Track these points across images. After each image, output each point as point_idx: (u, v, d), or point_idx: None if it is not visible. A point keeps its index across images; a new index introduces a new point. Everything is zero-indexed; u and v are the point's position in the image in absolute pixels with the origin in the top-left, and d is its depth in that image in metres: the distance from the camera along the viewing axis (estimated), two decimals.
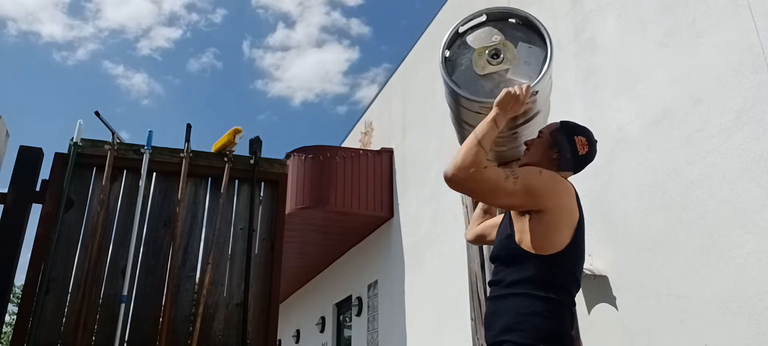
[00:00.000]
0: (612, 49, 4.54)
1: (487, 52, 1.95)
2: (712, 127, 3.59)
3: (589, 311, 4.25)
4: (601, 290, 4.17)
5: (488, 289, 1.81)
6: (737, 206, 3.36)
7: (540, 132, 1.91)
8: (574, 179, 1.88)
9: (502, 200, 1.69)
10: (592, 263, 4.28)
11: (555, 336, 1.56)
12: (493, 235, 2.03)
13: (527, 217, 1.69)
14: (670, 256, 3.74)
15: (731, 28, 3.56)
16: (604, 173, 4.37)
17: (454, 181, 1.63)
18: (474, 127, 1.74)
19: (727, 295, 3.34)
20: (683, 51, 3.88)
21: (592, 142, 1.86)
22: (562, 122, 1.90)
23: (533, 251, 1.64)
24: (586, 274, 4.20)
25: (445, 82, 1.97)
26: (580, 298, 4.26)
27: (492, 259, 1.81)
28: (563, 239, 1.65)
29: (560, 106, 4.91)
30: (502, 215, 1.90)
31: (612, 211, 4.26)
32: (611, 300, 4.11)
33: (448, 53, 2.04)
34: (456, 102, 1.98)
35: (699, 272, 3.52)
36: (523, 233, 1.68)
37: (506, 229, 1.76)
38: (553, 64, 1.91)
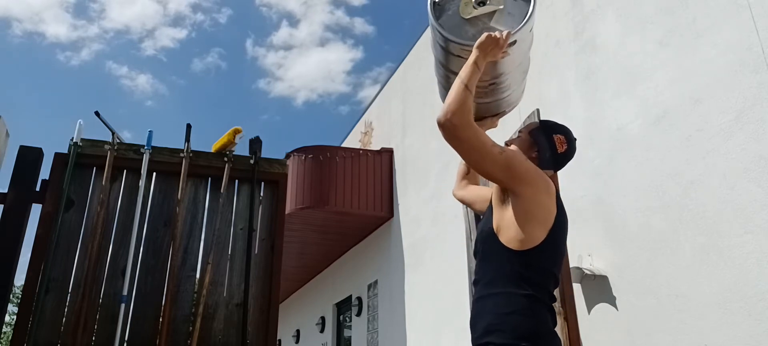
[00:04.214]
0: (612, 49, 4.54)
1: None
2: (712, 127, 3.59)
3: (589, 311, 4.25)
4: (601, 290, 4.17)
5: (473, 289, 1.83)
6: (737, 206, 3.36)
7: (519, 132, 1.95)
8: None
9: (485, 165, 1.71)
10: (592, 263, 4.28)
11: (536, 334, 1.58)
12: (477, 206, 2.08)
13: (506, 206, 1.71)
14: (670, 256, 3.74)
15: (731, 28, 3.56)
16: (604, 172, 4.37)
17: (446, 126, 1.65)
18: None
19: (727, 295, 3.34)
20: (683, 51, 3.88)
21: (570, 140, 1.89)
22: (541, 121, 1.94)
23: (510, 246, 1.67)
24: (586, 274, 4.20)
25: (432, 25, 2.03)
26: (579, 298, 4.26)
27: (474, 253, 1.85)
28: (537, 235, 1.67)
29: (560, 106, 4.92)
30: (489, 188, 1.92)
31: (612, 211, 4.26)
32: (611, 300, 4.11)
33: None
34: (442, 48, 2.04)
35: (699, 272, 3.52)
36: (501, 222, 1.71)
37: (488, 220, 1.79)
38: (534, 18, 1.97)
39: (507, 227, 1.69)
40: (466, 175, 2.25)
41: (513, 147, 1.87)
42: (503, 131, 2.49)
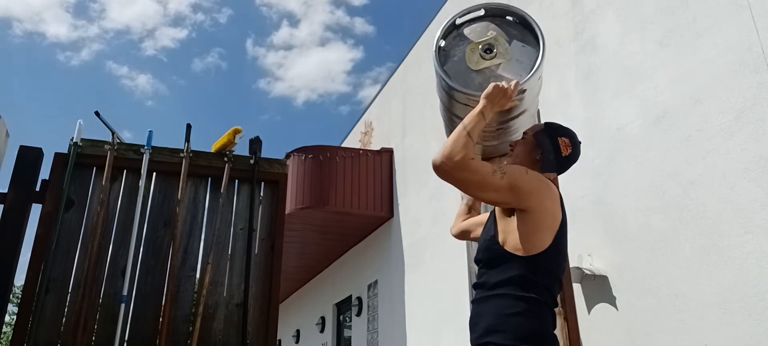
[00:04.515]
0: (612, 49, 4.54)
1: (480, 46, 1.99)
2: (712, 127, 3.59)
3: (589, 311, 4.25)
4: (601, 290, 4.17)
5: (473, 292, 1.82)
6: (737, 206, 3.36)
7: (524, 133, 1.93)
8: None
9: (488, 194, 1.69)
10: (592, 263, 4.28)
11: (537, 336, 1.58)
12: (477, 232, 2.05)
13: (511, 218, 1.70)
14: (670, 256, 3.74)
15: (731, 28, 3.56)
16: (604, 172, 4.37)
17: (443, 169, 1.64)
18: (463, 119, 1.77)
19: (727, 295, 3.34)
20: (683, 51, 3.88)
21: (575, 143, 1.88)
22: (545, 124, 1.92)
23: (515, 252, 1.66)
24: (586, 274, 4.20)
25: (437, 72, 2.00)
26: (579, 298, 4.26)
27: (476, 261, 1.82)
28: (545, 241, 1.66)
29: (560, 106, 4.92)
30: (488, 213, 1.91)
31: (612, 211, 4.26)
32: (611, 300, 4.11)
33: (443, 43, 2.06)
34: (446, 93, 2.01)
35: (699, 272, 3.52)
36: (506, 234, 1.70)
37: (490, 230, 1.78)
38: (543, 65, 1.93)
39: (514, 237, 1.67)
40: (465, 214, 2.24)
41: (512, 163, 1.85)
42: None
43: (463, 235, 2.24)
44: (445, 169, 1.63)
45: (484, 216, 2.00)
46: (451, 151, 1.63)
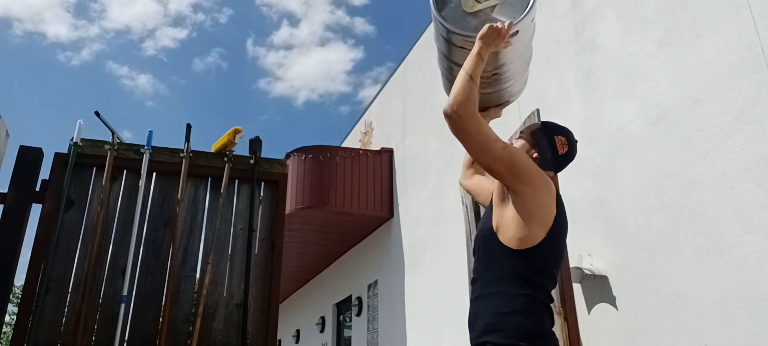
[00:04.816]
0: (612, 49, 4.54)
1: None
2: (712, 127, 3.59)
3: (589, 311, 4.25)
4: (601, 290, 4.17)
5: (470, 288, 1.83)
6: (737, 206, 3.36)
7: (521, 132, 1.95)
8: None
9: (488, 159, 1.71)
10: (592, 263, 4.28)
11: (535, 334, 1.58)
12: (481, 198, 2.10)
13: (506, 205, 1.72)
14: (670, 256, 3.74)
15: (731, 28, 3.56)
16: (604, 172, 4.37)
17: (452, 118, 1.66)
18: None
19: (727, 295, 3.34)
20: (683, 51, 3.88)
21: (572, 142, 1.89)
22: (542, 123, 1.94)
23: (509, 245, 1.67)
24: (586, 274, 4.20)
25: (434, 18, 2.04)
26: (579, 298, 4.26)
27: (473, 251, 1.85)
28: (536, 235, 1.67)
29: (560, 106, 4.92)
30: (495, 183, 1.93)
31: (612, 211, 4.26)
32: (611, 300, 4.11)
33: None
34: (445, 40, 2.06)
35: (699, 272, 3.52)
36: (500, 220, 1.72)
37: (488, 219, 1.79)
38: (535, 8, 1.98)
39: (506, 226, 1.69)
40: (472, 163, 2.25)
41: (517, 144, 1.88)
42: (504, 132, 2.49)
43: (469, 190, 2.26)
44: (454, 118, 1.66)
45: (490, 182, 2.01)
46: (460, 96, 1.66)
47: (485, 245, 1.76)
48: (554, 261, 1.73)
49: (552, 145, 1.85)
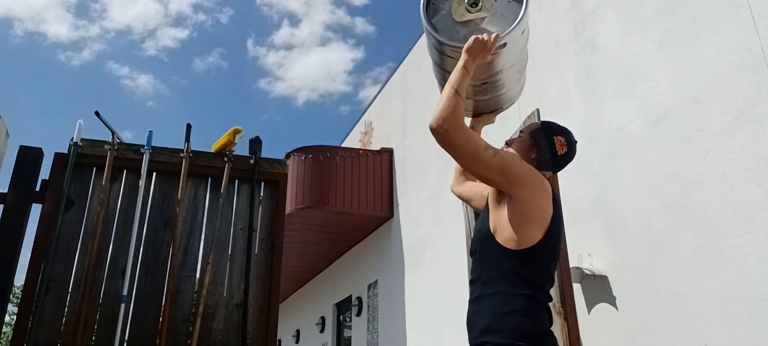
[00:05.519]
0: (612, 49, 4.54)
1: (466, 0, 2.00)
2: (712, 127, 3.59)
3: (589, 311, 4.25)
4: (601, 290, 4.17)
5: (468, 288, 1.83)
6: (737, 206, 3.36)
7: (520, 132, 1.95)
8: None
9: (478, 168, 1.70)
10: (592, 263, 4.28)
11: (534, 334, 1.58)
12: (475, 203, 2.08)
13: (502, 207, 1.71)
14: (670, 256, 3.74)
15: (731, 28, 3.56)
16: (604, 172, 4.37)
17: (438, 132, 1.66)
18: None
19: (727, 295, 3.34)
20: (683, 51, 3.88)
21: (571, 143, 1.88)
22: (542, 123, 1.93)
23: (507, 246, 1.67)
24: (586, 274, 4.20)
25: (424, 26, 2.02)
26: (579, 298, 4.26)
27: (470, 252, 1.84)
28: (534, 235, 1.67)
29: (560, 106, 4.92)
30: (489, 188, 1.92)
31: (612, 211, 4.26)
32: (611, 300, 4.11)
33: None
34: (436, 50, 2.04)
35: (699, 272, 3.53)
36: (497, 222, 1.71)
37: (485, 221, 1.79)
38: (525, 21, 1.95)
39: (503, 228, 1.69)
40: (464, 171, 2.24)
41: (508, 149, 1.87)
42: (504, 132, 2.49)
43: (461, 197, 2.25)
44: (440, 133, 1.65)
45: (483, 187, 2.01)
46: (445, 110, 1.66)
47: (483, 246, 1.75)
48: (552, 260, 1.73)
49: (551, 145, 1.85)
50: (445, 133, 1.65)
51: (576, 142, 1.91)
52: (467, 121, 2.14)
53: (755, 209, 3.25)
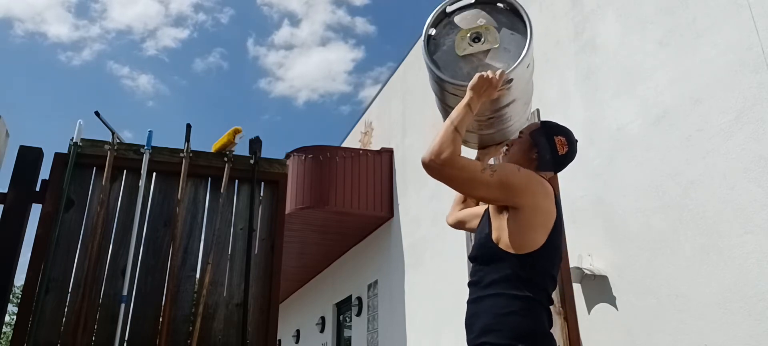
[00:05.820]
0: (612, 49, 4.54)
1: (469, 34, 1.97)
2: (712, 127, 3.59)
3: (589, 311, 4.25)
4: (601, 290, 4.17)
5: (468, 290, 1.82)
6: (737, 206, 3.36)
7: (520, 132, 1.93)
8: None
9: (479, 191, 1.70)
10: (592, 263, 4.28)
11: (533, 335, 1.58)
12: (473, 223, 2.05)
13: (504, 215, 1.70)
14: (670, 256, 3.74)
15: (731, 28, 3.56)
16: (604, 172, 4.37)
17: (432, 167, 1.63)
18: None
19: (727, 295, 3.34)
20: (683, 51, 3.88)
21: (572, 142, 1.87)
22: (542, 123, 1.92)
23: (509, 250, 1.66)
24: (586, 274, 4.20)
25: (425, 62, 1.98)
26: (579, 298, 4.26)
27: (470, 258, 1.82)
28: (538, 239, 1.66)
29: (560, 106, 4.92)
30: (484, 206, 1.91)
31: (612, 211, 4.26)
32: (611, 300, 4.11)
33: (433, 32, 2.04)
34: (437, 85, 1.99)
35: (699, 272, 3.53)
36: (500, 231, 1.70)
37: (485, 227, 1.78)
38: (531, 54, 1.91)
39: (506, 234, 1.68)
40: (461, 203, 2.23)
41: (505, 159, 1.84)
42: None
43: (458, 225, 2.23)
44: (433, 167, 1.63)
45: (480, 208, 2.00)
46: (439, 148, 1.63)
47: (484, 252, 1.74)
48: (554, 262, 1.72)
49: (551, 145, 1.84)
50: (438, 168, 1.63)
51: (576, 141, 1.91)
52: (473, 153, 2.12)
53: (755, 209, 3.25)
